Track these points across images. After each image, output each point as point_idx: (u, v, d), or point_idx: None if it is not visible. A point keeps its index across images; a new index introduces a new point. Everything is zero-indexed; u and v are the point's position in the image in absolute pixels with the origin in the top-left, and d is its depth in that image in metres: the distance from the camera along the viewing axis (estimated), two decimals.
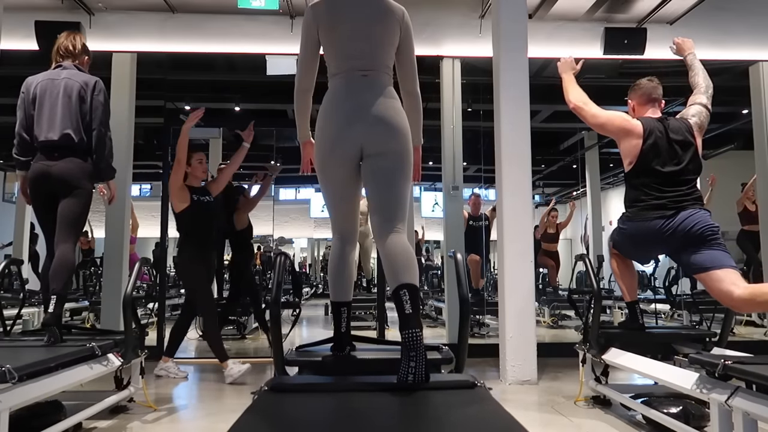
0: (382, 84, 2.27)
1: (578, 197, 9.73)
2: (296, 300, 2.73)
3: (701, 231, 2.81)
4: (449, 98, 5.76)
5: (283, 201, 11.71)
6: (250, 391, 1.95)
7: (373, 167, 2.23)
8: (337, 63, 2.31)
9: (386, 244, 2.17)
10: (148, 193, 10.50)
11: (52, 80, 3.22)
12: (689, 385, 2.47)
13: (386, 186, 2.22)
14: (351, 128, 2.20)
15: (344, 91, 2.26)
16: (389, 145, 2.21)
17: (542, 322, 7.03)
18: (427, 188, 9.11)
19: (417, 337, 1.97)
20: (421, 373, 1.95)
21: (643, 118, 3.12)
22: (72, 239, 3.13)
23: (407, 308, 2.01)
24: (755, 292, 2.63)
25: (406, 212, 2.26)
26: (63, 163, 3.11)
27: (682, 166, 2.98)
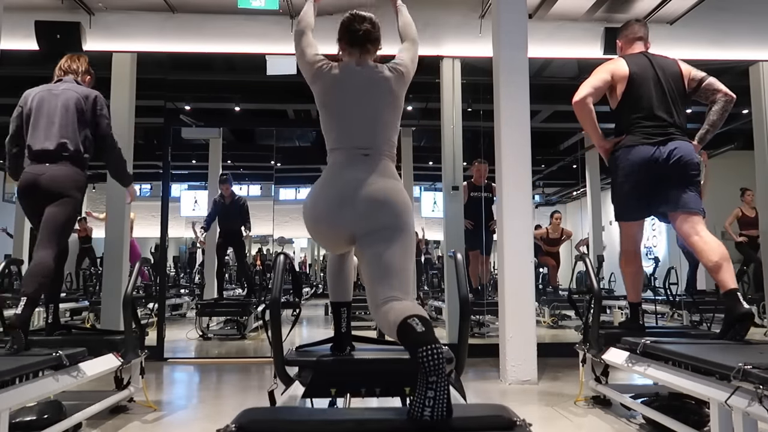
0: (382, 164, 2.10)
1: (578, 197, 9.74)
2: (296, 300, 2.71)
3: (685, 166, 3.03)
4: (449, 98, 5.76)
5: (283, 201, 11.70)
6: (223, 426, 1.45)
7: (369, 240, 2.00)
8: (337, 137, 2.16)
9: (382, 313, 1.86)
10: (148, 193, 10.50)
11: (50, 91, 3.20)
12: (689, 385, 2.47)
13: (381, 266, 1.94)
14: (341, 212, 2.02)
15: (342, 168, 2.09)
16: (382, 221, 1.99)
17: (542, 322, 7.03)
18: (427, 188, 9.12)
19: (437, 356, 1.52)
20: (442, 407, 1.49)
21: (626, 54, 3.32)
22: (53, 246, 3.01)
23: (419, 328, 1.63)
24: (701, 248, 2.97)
25: (409, 285, 1.98)
26: (53, 171, 3.05)
27: (669, 93, 3.13)
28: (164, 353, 5.18)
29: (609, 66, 3.25)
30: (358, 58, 2.21)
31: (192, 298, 8.60)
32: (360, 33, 2.20)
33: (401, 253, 1.97)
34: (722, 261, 2.93)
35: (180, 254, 10.97)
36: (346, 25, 2.23)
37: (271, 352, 2.28)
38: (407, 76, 2.26)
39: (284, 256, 2.41)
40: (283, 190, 11.88)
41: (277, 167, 8.72)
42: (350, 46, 2.22)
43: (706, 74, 3.23)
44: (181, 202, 9.12)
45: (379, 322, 1.93)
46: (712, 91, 3.17)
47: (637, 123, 3.13)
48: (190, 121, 6.35)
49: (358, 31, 2.20)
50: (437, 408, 1.49)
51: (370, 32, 2.21)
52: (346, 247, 2.23)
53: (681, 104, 3.18)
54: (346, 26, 2.23)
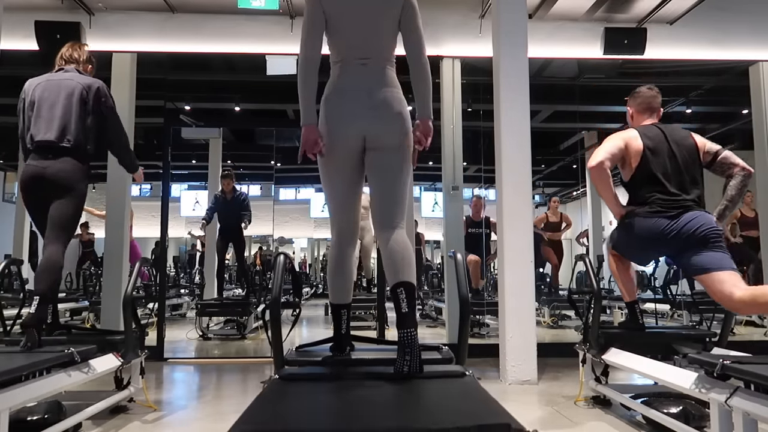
0: (382, 72, 2.30)
1: (578, 197, 9.74)
2: (296, 300, 2.71)
3: (705, 233, 2.83)
4: (449, 98, 5.76)
5: (283, 201, 11.72)
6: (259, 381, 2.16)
7: (376, 162, 2.30)
8: (338, 51, 2.33)
9: (386, 240, 2.25)
10: (148, 193, 10.51)
11: (51, 81, 3.17)
12: (689, 385, 2.47)
13: (388, 182, 2.29)
14: (352, 122, 2.25)
15: (343, 80, 2.30)
16: (390, 140, 2.27)
17: (542, 322, 7.03)
18: (427, 188, 9.12)
19: (412, 336, 2.11)
20: (416, 365, 2.09)
21: (639, 126, 3.20)
22: (62, 241, 3.02)
23: (404, 307, 2.12)
24: (755, 294, 2.62)
25: (405, 207, 2.34)
26: (58, 164, 3.03)
27: (683, 167, 3.02)
28: (164, 353, 5.18)
29: (623, 135, 3.14)
30: None
31: (192, 298, 8.60)
32: None
33: (404, 179, 2.32)
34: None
35: (180, 254, 10.97)
36: None
37: (271, 352, 2.28)
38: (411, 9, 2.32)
39: (284, 256, 2.41)
40: (283, 190, 11.89)
41: (277, 167, 8.72)
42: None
43: (720, 147, 3.12)
44: (181, 202, 9.13)
45: (380, 244, 2.29)
46: (729, 165, 3.07)
47: (652, 197, 2.98)
48: (190, 121, 6.35)
49: None
50: (413, 365, 2.07)
51: None
52: (356, 171, 2.35)
53: (696, 178, 3.05)
54: None
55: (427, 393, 1.98)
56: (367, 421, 1.65)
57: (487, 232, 6.56)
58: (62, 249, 3.02)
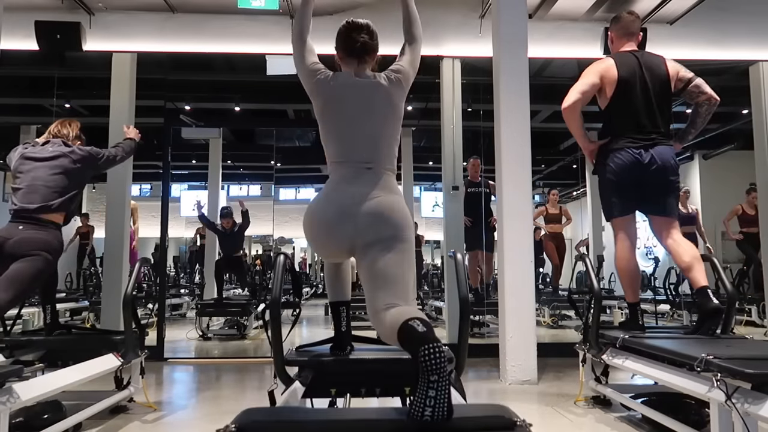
0: (384, 178, 2.09)
1: (578, 197, 9.74)
2: (296, 300, 2.71)
3: (666, 168, 3.16)
4: (449, 98, 5.76)
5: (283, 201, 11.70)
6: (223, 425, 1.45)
7: (365, 260, 1.99)
8: (338, 151, 2.14)
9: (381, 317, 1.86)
10: (148, 193, 10.51)
11: (35, 155, 3.10)
12: (689, 385, 2.47)
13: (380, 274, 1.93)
14: (341, 225, 2.01)
15: (345, 183, 2.07)
16: (381, 234, 1.97)
17: (542, 322, 7.03)
18: (427, 188, 9.11)
19: (439, 355, 1.50)
20: (443, 407, 1.47)
21: (615, 53, 3.39)
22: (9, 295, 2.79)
23: (420, 329, 1.62)
24: (677, 249, 3.15)
25: (409, 293, 1.95)
26: (24, 233, 2.92)
27: (654, 97, 3.22)
28: (164, 353, 5.18)
29: (599, 68, 3.31)
30: (356, 68, 2.19)
31: (192, 298, 8.60)
32: (358, 44, 2.18)
33: (400, 261, 1.95)
34: (693, 261, 3.11)
35: (180, 254, 10.97)
36: (343, 35, 2.21)
37: (271, 352, 2.28)
38: (406, 83, 2.23)
39: (284, 256, 2.40)
40: (283, 190, 11.88)
41: (277, 167, 8.72)
42: (348, 56, 2.21)
43: (693, 75, 3.29)
44: (181, 202, 9.12)
45: (378, 328, 1.91)
46: (698, 93, 3.27)
47: (623, 128, 3.23)
48: (190, 121, 6.35)
49: (356, 43, 2.18)
50: (438, 408, 1.46)
51: (366, 43, 2.19)
52: (344, 258, 2.28)
53: (666, 108, 3.28)
54: (344, 36, 2.21)
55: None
56: None
57: (487, 192, 6.50)
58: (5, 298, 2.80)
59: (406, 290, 1.93)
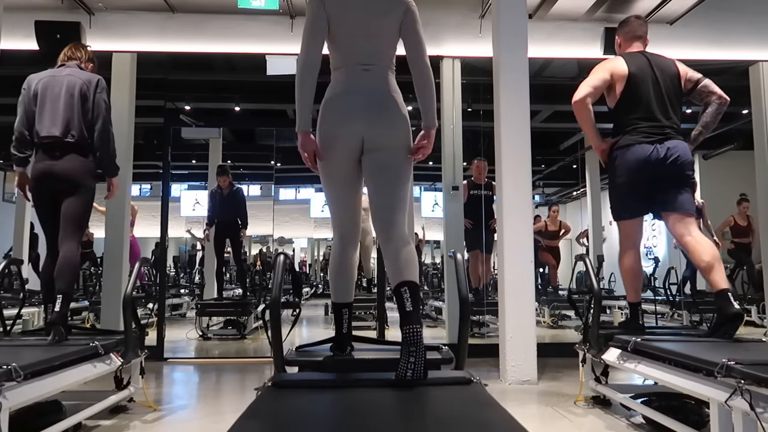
0: (383, 77, 2.30)
1: (578, 197, 9.74)
2: (296, 300, 2.71)
3: (683, 163, 3.11)
4: (449, 98, 5.76)
5: (283, 201, 11.71)
6: (253, 388, 2.02)
7: (374, 164, 2.27)
8: (339, 56, 2.33)
9: (388, 241, 2.22)
10: (148, 193, 10.51)
11: (54, 77, 3.24)
12: (689, 385, 2.47)
13: (386, 184, 2.27)
14: (352, 122, 2.23)
15: (345, 84, 2.29)
16: (389, 142, 2.26)
17: (542, 322, 7.03)
18: (427, 188, 9.11)
19: (417, 333, 2.01)
20: (420, 370, 1.98)
21: (624, 53, 3.37)
22: (76, 238, 3.13)
23: (408, 305, 2.06)
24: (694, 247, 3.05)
25: (406, 208, 2.31)
26: (66, 162, 3.12)
27: (666, 93, 3.19)
28: (164, 353, 5.18)
29: (608, 65, 3.29)
30: None
31: (192, 298, 8.60)
32: None
33: (404, 181, 2.30)
34: (714, 261, 3.00)
35: (180, 254, 10.97)
36: None
37: (271, 352, 2.28)
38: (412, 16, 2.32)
39: (284, 256, 2.41)
40: (283, 190, 11.88)
41: (277, 167, 8.72)
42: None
43: (702, 76, 3.28)
44: (181, 202, 9.12)
45: (381, 246, 2.26)
46: (707, 93, 3.23)
47: (635, 123, 3.18)
48: (190, 121, 6.34)
49: None
50: (416, 370, 1.98)
51: None
52: (355, 173, 2.33)
53: (677, 105, 3.24)
54: None
55: (430, 403, 1.88)
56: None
57: (489, 194, 6.43)
58: (78, 246, 3.14)
59: (405, 210, 2.30)
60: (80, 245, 3.17)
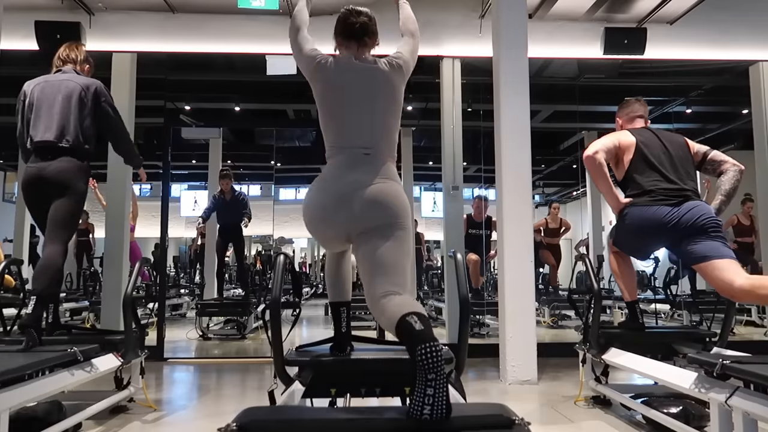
0: (382, 165, 2.07)
1: (578, 197, 9.73)
2: (296, 300, 2.71)
3: (705, 222, 2.83)
4: (449, 98, 5.76)
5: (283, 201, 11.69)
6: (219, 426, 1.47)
7: (362, 246, 2.00)
8: (337, 135, 2.14)
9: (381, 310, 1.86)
10: (148, 193, 10.49)
11: (50, 82, 3.19)
12: (689, 385, 2.47)
13: (378, 261, 1.95)
14: (338, 212, 2.01)
15: (342, 168, 2.06)
16: (379, 221, 1.98)
17: (542, 322, 7.02)
18: (427, 188, 9.11)
19: (436, 353, 1.53)
20: (441, 406, 1.49)
21: (629, 129, 3.28)
22: (62, 241, 3.03)
23: (417, 326, 1.64)
24: (755, 284, 2.63)
25: (407, 281, 1.96)
26: (57, 163, 3.05)
27: (678, 160, 3.09)
28: (164, 353, 5.18)
29: (613, 135, 3.21)
30: (356, 52, 2.20)
31: (192, 298, 8.60)
32: (357, 26, 2.20)
33: (398, 248, 1.96)
34: None
35: (180, 254, 10.96)
36: (342, 20, 2.23)
37: (271, 352, 2.28)
38: (406, 69, 2.24)
39: (284, 256, 2.40)
40: (283, 190, 11.87)
41: (277, 167, 8.71)
42: (347, 40, 2.22)
43: (708, 148, 3.18)
44: (181, 202, 9.12)
45: (378, 318, 1.93)
46: (720, 162, 3.11)
47: (654, 186, 2.99)
48: (190, 121, 6.35)
49: (355, 24, 2.20)
50: (436, 406, 1.48)
51: (366, 25, 2.21)
52: (342, 246, 2.25)
53: (692, 171, 3.10)
54: (343, 20, 2.23)
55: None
56: None
57: (488, 233, 6.50)
58: (61, 249, 3.02)
59: (404, 277, 1.94)
60: (65, 248, 3.05)
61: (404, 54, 2.26)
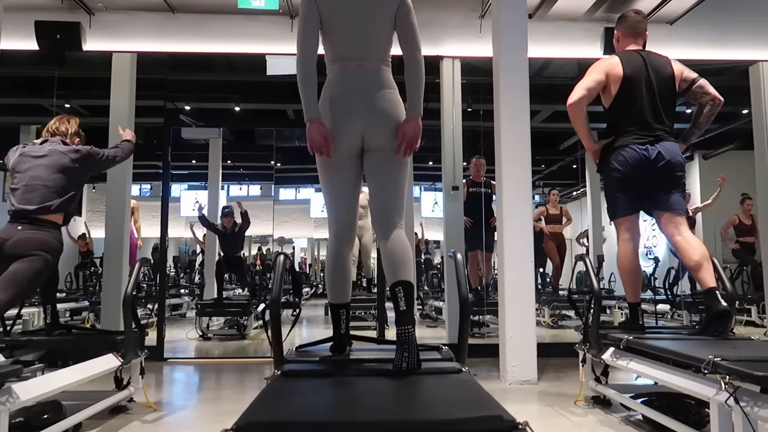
0: (378, 74, 2.31)
1: (578, 197, 9.74)
2: (296, 300, 2.71)
3: (673, 164, 3.16)
4: (449, 98, 5.76)
5: (283, 201, 11.70)
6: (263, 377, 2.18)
7: (374, 163, 2.34)
8: (334, 51, 2.34)
9: (386, 240, 2.29)
10: (148, 193, 10.50)
11: (32, 153, 3.10)
12: (689, 385, 2.47)
13: (386, 183, 2.34)
14: (351, 123, 2.27)
15: (341, 82, 2.31)
16: (386, 142, 2.30)
17: (542, 322, 7.02)
18: (427, 188, 9.11)
19: (409, 333, 2.15)
20: (414, 361, 2.11)
21: (621, 52, 3.37)
22: (8, 295, 2.78)
23: (401, 305, 2.16)
24: (684, 247, 3.10)
25: (404, 206, 2.39)
26: (23, 234, 2.91)
27: (659, 96, 3.20)
28: (164, 353, 5.18)
29: (604, 65, 3.31)
30: None
31: (192, 298, 8.60)
32: None
33: (402, 180, 2.37)
34: (703, 260, 3.05)
35: (180, 254, 10.96)
36: None
37: (271, 352, 2.28)
38: None
39: (284, 256, 2.40)
40: (283, 190, 11.87)
41: (277, 167, 8.72)
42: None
43: (698, 75, 3.29)
44: (181, 202, 9.12)
45: (380, 245, 2.32)
46: (702, 94, 3.26)
47: (628, 125, 3.22)
48: (190, 121, 6.35)
49: None
50: (411, 362, 2.10)
51: None
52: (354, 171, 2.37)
53: (671, 107, 3.27)
54: None
55: (423, 388, 2.01)
56: (364, 414, 1.68)
57: (488, 192, 6.43)
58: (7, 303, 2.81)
59: (403, 204, 2.37)
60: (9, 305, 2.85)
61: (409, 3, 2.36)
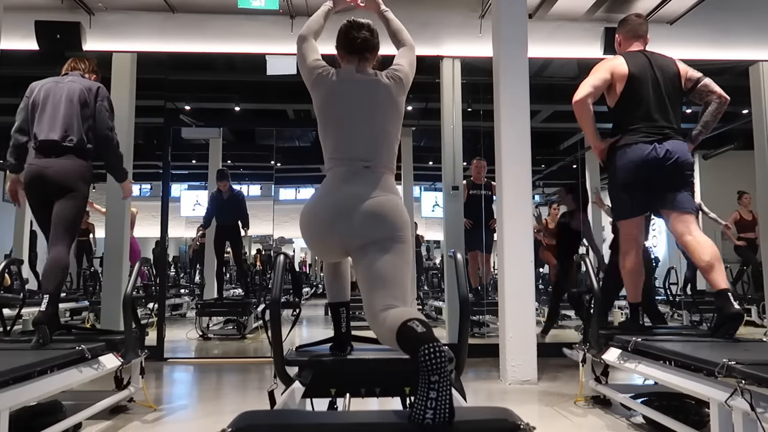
0: (382, 178, 2.07)
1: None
2: (296, 300, 2.71)
3: (682, 163, 3.12)
4: (449, 98, 5.76)
5: (283, 201, 11.71)
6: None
7: (361, 260, 2.00)
8: (337, 147, 2.14)
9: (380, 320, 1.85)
10: (148, 193, 10.51)
11: (56, 83, 3.29)
12: (689, 385, 2.47)
13: (377, 275, 1.95)
14: (336, 225, 2.01)
15: (342, 181, 2.07)
16: (378, 235, 1.98)
17: (542, 322, 7.02)
18: (427, 188, 9.11)
19: (439, 354, 1.45)
20: (444, 410, 1.42)
21: (624, 52, 3.37)
22: (66, 242, 3.13)
23: (419, 329, 1.60)
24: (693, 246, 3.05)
25: (407, 295, 1.96)
26: (59, 164, 3.13)
27: (666, 94, 3.19)
28: (164, 353, 5.18)
29: (608, 64, 3.29)
30: (357, 65, 2.21)
31: (192, 298, 8.60)
32: (358, 41, 2.20)
33: (397, 261, 1.97)
34: (714, 261, 3.00)
35: (180, 254, 10.97)
36: (344, 33, 2.23)
37: (271, 352, 2.28)
38: (406, 82, 2.25)
39: (284, 256, 2.40)
40: (283, 190, 11.88)
41: (277, 167, 8.72)
42: (349, 54, 2.22)
43: (702, 75, 3.28)
44: (181, 202, 9.12)
45: (377, 330, 1.90)
46: (708, 93, 3.24)
47: (635, 123, 3.18)
48: (190, 121, 6.35)
49: (357, 39, 2.20)
50: (439, 410, 1.42)
51: (368, 40, 2.21)
52: (339, 258, 2.28)
53: (677, 105, 3.25)
54: (345, 33, 2.23)
55: None
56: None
57: (489, 194, 6.42)
58: (67, 250, 3.12)
59: (404, 291, 1.93)
60: (70, 249, 3.16)
61: (404, 66, 2.26)
